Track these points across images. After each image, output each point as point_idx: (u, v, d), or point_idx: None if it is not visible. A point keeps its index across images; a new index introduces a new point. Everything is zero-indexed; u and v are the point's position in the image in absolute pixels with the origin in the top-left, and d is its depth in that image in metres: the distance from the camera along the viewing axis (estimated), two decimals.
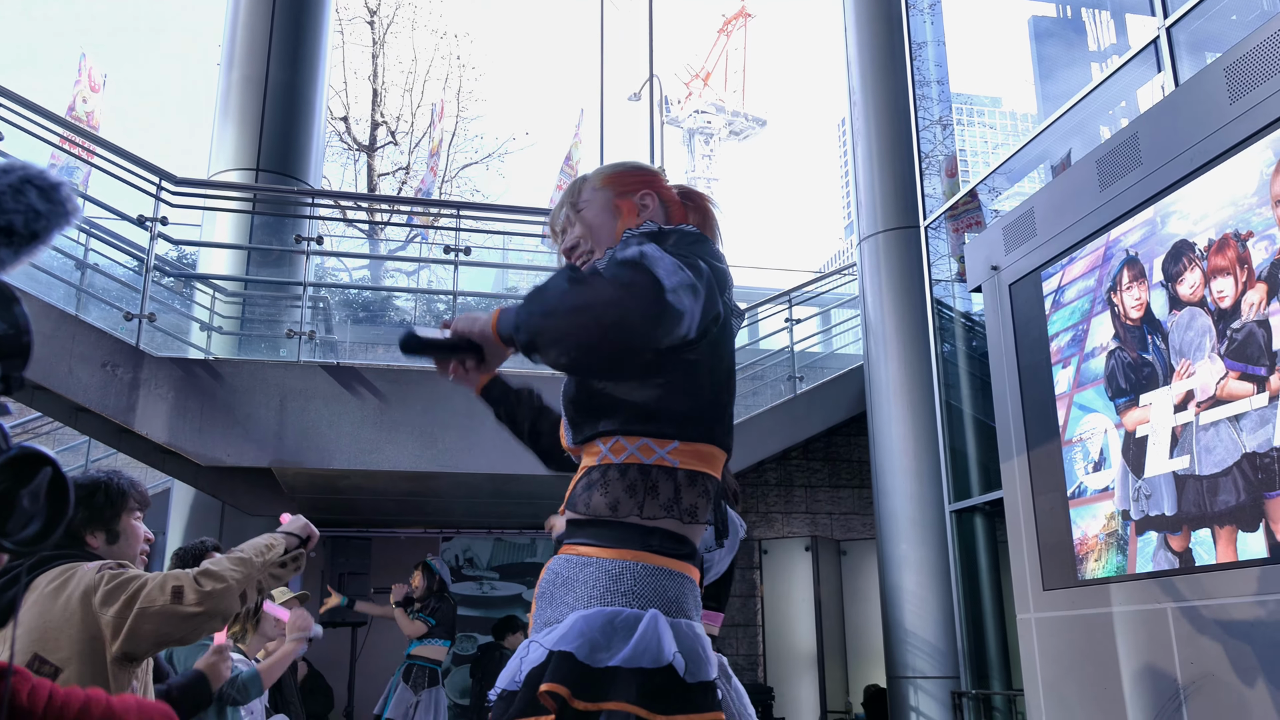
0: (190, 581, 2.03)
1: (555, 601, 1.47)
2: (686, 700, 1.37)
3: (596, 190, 1.70)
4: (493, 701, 1.47)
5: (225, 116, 7.65)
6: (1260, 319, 3.29)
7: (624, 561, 1.44)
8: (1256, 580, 3.20)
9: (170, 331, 6.36)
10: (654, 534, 1.45)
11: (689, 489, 1.47)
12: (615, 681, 1.34)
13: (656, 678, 1.35)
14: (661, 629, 1.38)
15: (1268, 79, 3.31)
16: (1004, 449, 4.65)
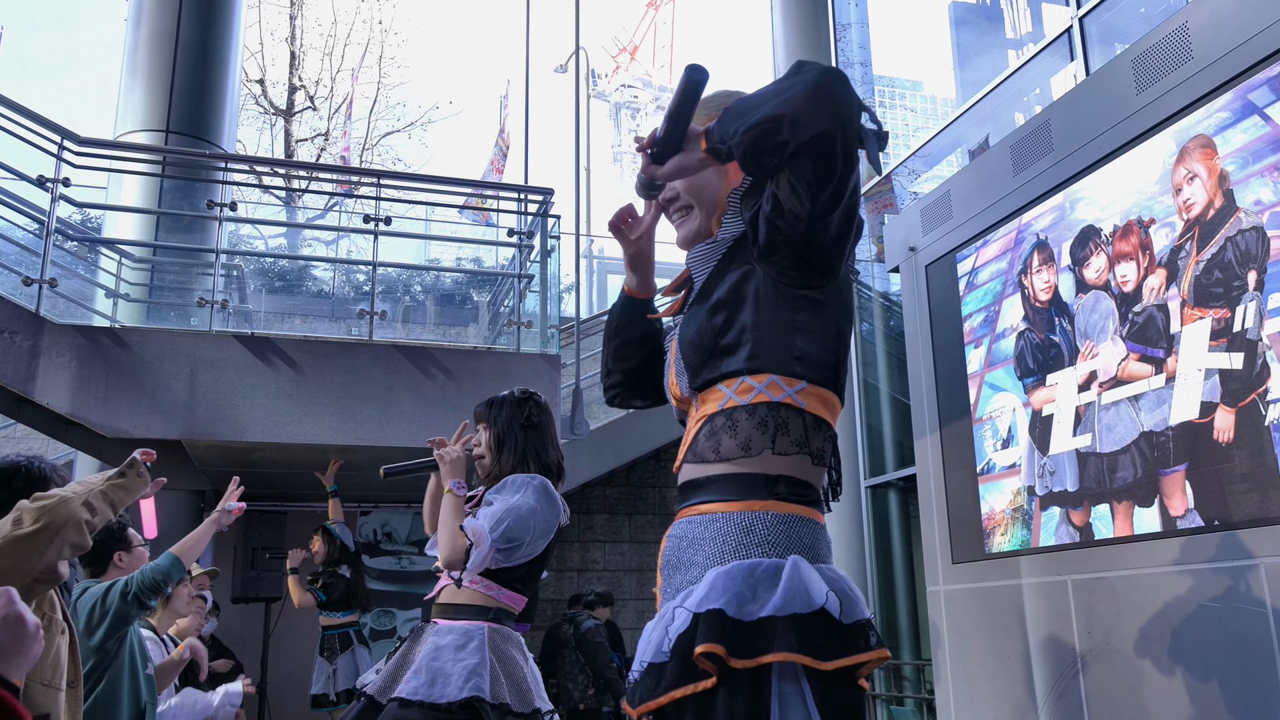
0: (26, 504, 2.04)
1: (684, 565, 1.43)
2: (847, 642, 1.33)
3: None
4: (635, 678, 1.40)
5: (133, 75, 7.35)
6: (1160, 303, 3.42)
7: (753, 512, 1.40)
8: (1150, 553, 3.35)
9: (73, 298, 6.11)
10: (779, 481, 1.42)
11: (815, 433, 1.45)
12: (771, 633, 1.29)
13: (812, 624, 1.30)
14: (806, 573, 1.34)
15: (1171, 71, 3.43)
16: (918, 426, 4.77)
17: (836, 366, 1.48)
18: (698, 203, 1.61)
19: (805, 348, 1.44)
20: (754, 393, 1.43)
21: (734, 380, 1.45)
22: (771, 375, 1.43)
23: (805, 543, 1.40)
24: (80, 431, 5.61)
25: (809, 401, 1.45)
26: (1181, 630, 3.19)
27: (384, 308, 6.58)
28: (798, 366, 1.44)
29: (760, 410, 1.43)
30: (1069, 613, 3.67)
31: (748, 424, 1.43)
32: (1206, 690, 3.08)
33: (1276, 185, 3.02)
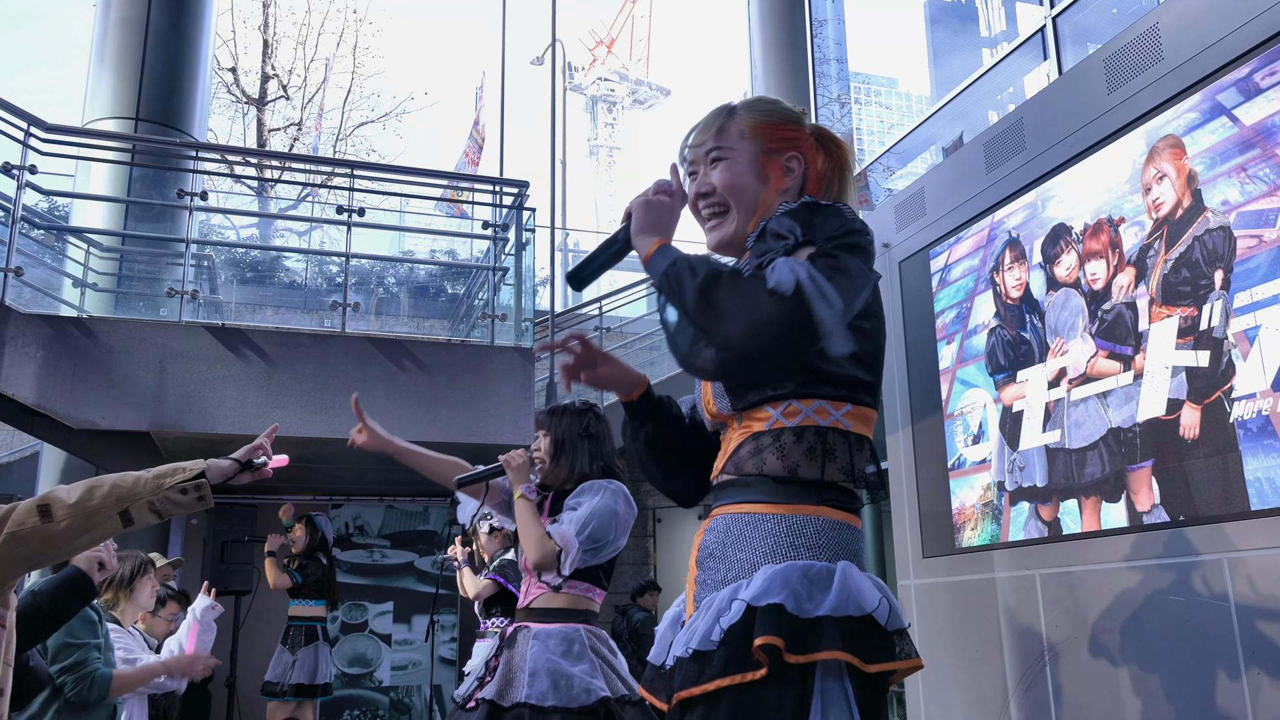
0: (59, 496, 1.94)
1: (728, 560, 1.44)
2: (889, 648, 1.36)
3: (744, 139, 1.61)
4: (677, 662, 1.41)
5: (101, 61, 7.25)
6: (1128, 301, 3.46)
7: (804, 516, 1.42)
8: (1117, 548, 3.39)
9: (40, 287, 6.02)
10: (829, 488, 1.44)
11: (859, 454, 1.48)
12: (822, 631, 1.32)
13: (859, 626, 1.34)
14: (858, 579, 1.37)
15: (1142, 71, 3.47)
16: (890, 422, 4.80)
17: (877, 385, 1.52)
18: (736, 204, 1.59)
19: (850, 371, 1.47)
20: (801, 416, 1.45)
21: (780, 403, 1.46)
22: (819, 400, 1.45)
23: (851, 549, 1.44)
24: (46, 422, 5.53)
25: (853, 423, 1.48)
26: (1146, 624, 3.24)
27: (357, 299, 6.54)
28: (844, 391, 1.46)
29: (808, 435, 1.45)
30: (1037, 606, 3.71)
31: (795, 449, 1.45)
32: (1170, 682, 3.13)
33: (1243, 186, 3.06)
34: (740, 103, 1.68)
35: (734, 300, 1.34)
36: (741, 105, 1.66)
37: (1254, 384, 2.96)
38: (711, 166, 1.61)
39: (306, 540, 6.27)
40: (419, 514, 8.31)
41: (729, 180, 1.58)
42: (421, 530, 8.21)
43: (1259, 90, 3.04)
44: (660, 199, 1.53)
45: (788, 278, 1.34)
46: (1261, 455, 2.92)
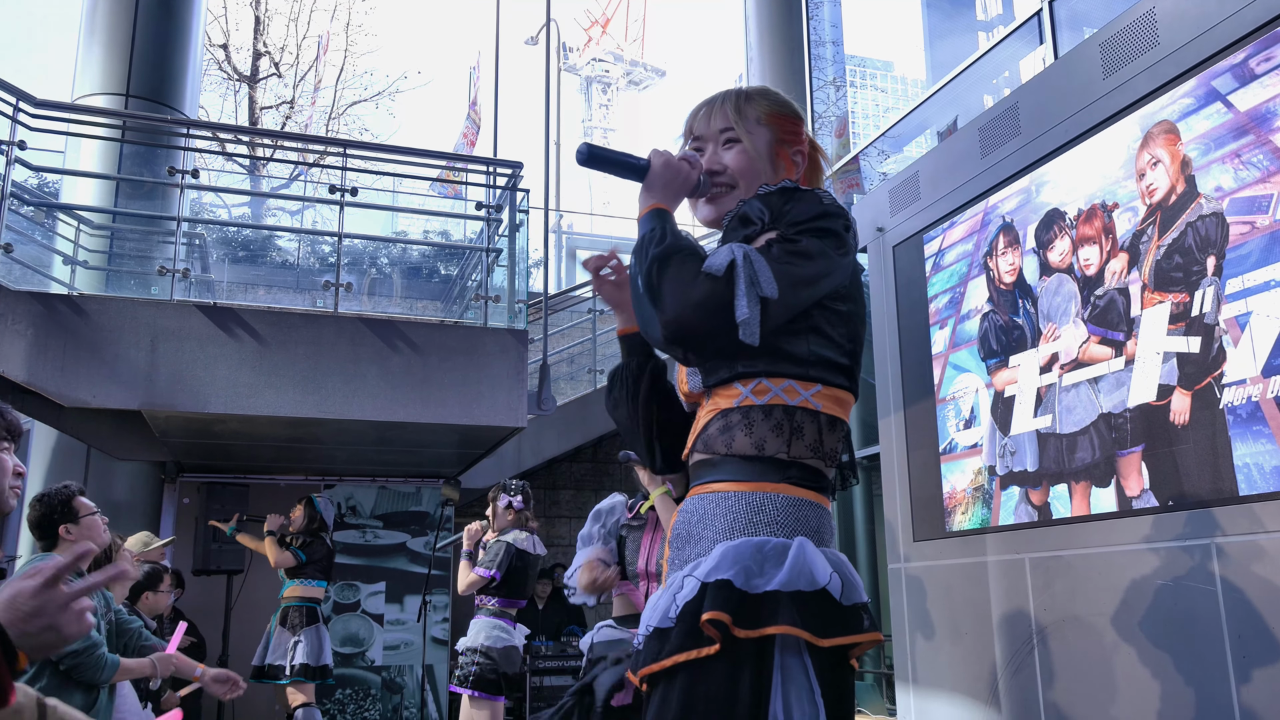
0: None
1: (694, 539, 1.47)
2: (844, 623, 1.38)
3: (760, 125, 1.64)
4: (640, 642, 1.45)
5: (91, 36, 7.18)
6: (1121, 287, 3.47)
7: (764, 493, 1.44)
8: (1106, 532, 3.41)
9: (29, 264, 5.99)
10: (792, 466, 1.45)
11: (830, 434, 1.49)
12: (774, 606, 1.34)
13: (813, 602, 1.36)
14: (812, 554, 1.38)
15: (1138, 57, 3.46)
16: (882, 406, 4.81)
17: (852, 367, 1.52)
18: (745, 187, 1.62)
19: (821, 351, 1.48)
20: (770, 394, 1.46)
21: (750, 380, 1.48)
22: (788, 380, 1.47)
23: (811, 525, 1.44)
24: (37, 400, 5.51)
25: (824, 404, 1.48)
26: (1134, 607, 3.26)
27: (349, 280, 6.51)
28: (814, 370, 1.47)
29: (776, 413, 1.46)
30: (1026, 590, 3.74)
31: (763, 425, 1.46)
32: (1157, 665, 3.16)
33: (1237, 172, 3.06)
34: (752, 89, 1.70)
35: (673, 278, 1.41)
36: (755, 92, 1.69)
37: (1244, 370, 2.97)
38: (725, 147, 1.63)
39: (305, 520, 6.23)
40: (411, 495, 8.32)
41: (744, 164, 1.61)
42: (414, 511, 8.22)
43: (1254, 76, 3.04)
44: (683, 165, 1.57)
45: (722, 259, 1.39)
46: (1250, 441, 2.93)
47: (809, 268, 1.43)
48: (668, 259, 1.43)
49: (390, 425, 5.96)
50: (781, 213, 1.49)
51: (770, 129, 1.64)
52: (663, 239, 1.46)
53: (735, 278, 1.38)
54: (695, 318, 1.39)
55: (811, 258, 1.43)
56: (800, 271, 1.42)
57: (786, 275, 1.41)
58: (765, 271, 1.39)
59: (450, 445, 6.94)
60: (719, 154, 1.63)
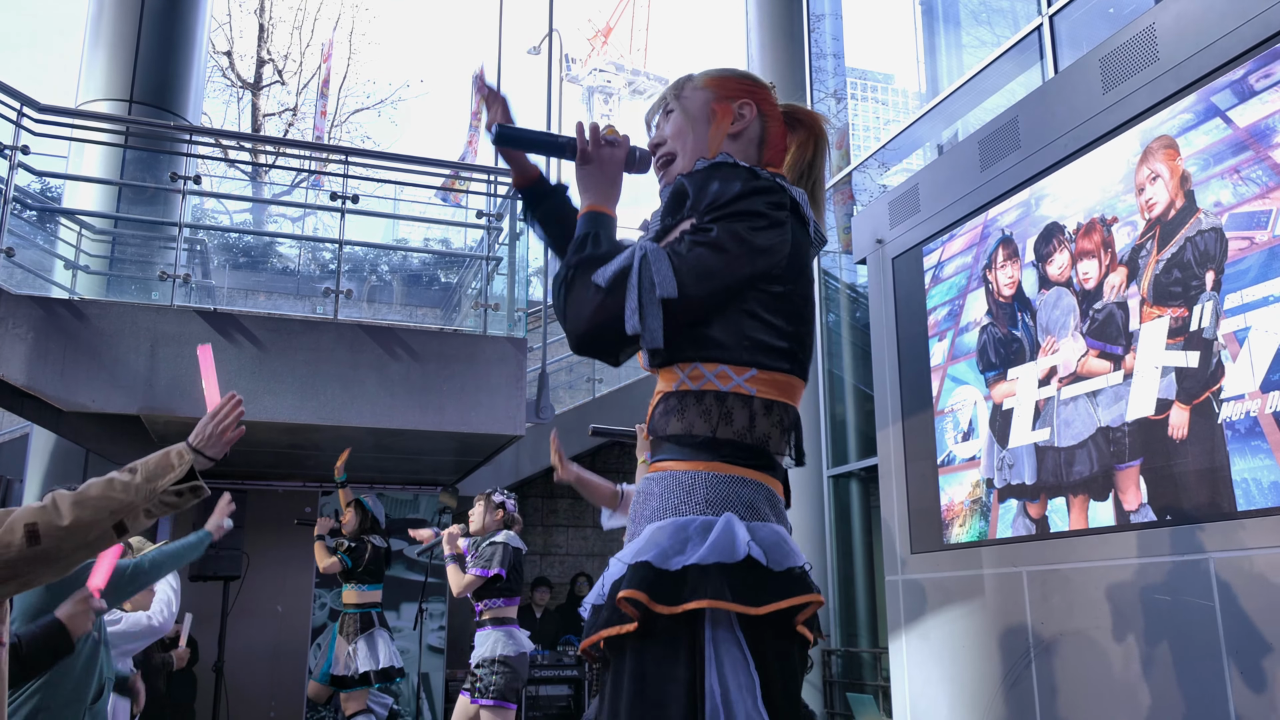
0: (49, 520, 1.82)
1: (639, 519, 1.48)
2: (776, 589, 1.37)
3: (697, 89, 1.64)
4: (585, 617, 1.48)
5: (96, 42, 7.21)
6: (1120, 301, 3.48)
7: (697, 472, 1.44)
8: (1104, 547, 3.41)
9: (31, 268, 5.99)
10: (725, 445, 1.45)
11: (764, 417, 1.47)
12: (698, 581, 1.34)
13: (740, 573, 1.35)
14: (735, 527, 1.38)
15: (1138, 72, 3.48)
16: (880, 417, 4.81)
17: (794, 351, 1.51)
18: (680, 150, 1.62)
19: (757, 335, 1.47)
20: (704, 380, 1.47)
21: (687, 365, 1.48)
22: (721, 365, 1.46)
23: (744, 501, 1.44)
24: (36, 404, 5.52)
25: (759, 388, 1.47)
26: (1131, 622, 3.26)
27: (350, 287, 6.52)
28: (748, 355, 1.47)
29: (707, 398, 1.46)
30: (1023, 603, 3.73)
31: (694, 410, 1.46)
32: (1155, 680, 3.15)
33: (1236, 187, 3.07)
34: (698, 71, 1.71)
35: (575, 293, 1.45)
36: (699, 71, 1.70)
37: (1243, 385, 2.97)
38: (664, 120, 1.65)
39: (357, 523, 6.21)
40: (409, 502, 8.31)
41: (675, 126, 1.63)
42: (412, 518, 8.21)
43: (1253, 92, 3.05)
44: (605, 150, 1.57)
45: (614, 267, 1.42)
46: (1249, 456, 2.94)
47: (716, 259, 1.41)
48: (574, 273, 1.46)
49: (389, 432, 5.96)
50: (702, 194, 1.47)
51: (708, 90, 1.64)
52: (579, 249, 1.48)
53: (628, 287, 1.40)
54: (592, 332, 1.43)
55: (721, 249, 1.42)
56: (708, 264, 1.41)
57: (693, 270, 1.40)
58: (664, 271, 1.40)
59: (449, 453, 6.94)
60: (661, 130, 1.65)
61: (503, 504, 4.95)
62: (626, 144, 1.60)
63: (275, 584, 7.58)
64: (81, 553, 1.87)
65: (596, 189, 1.57)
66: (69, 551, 1.84)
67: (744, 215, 1.44)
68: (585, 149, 1.56)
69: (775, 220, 1.47)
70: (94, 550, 1.89)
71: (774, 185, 1.49)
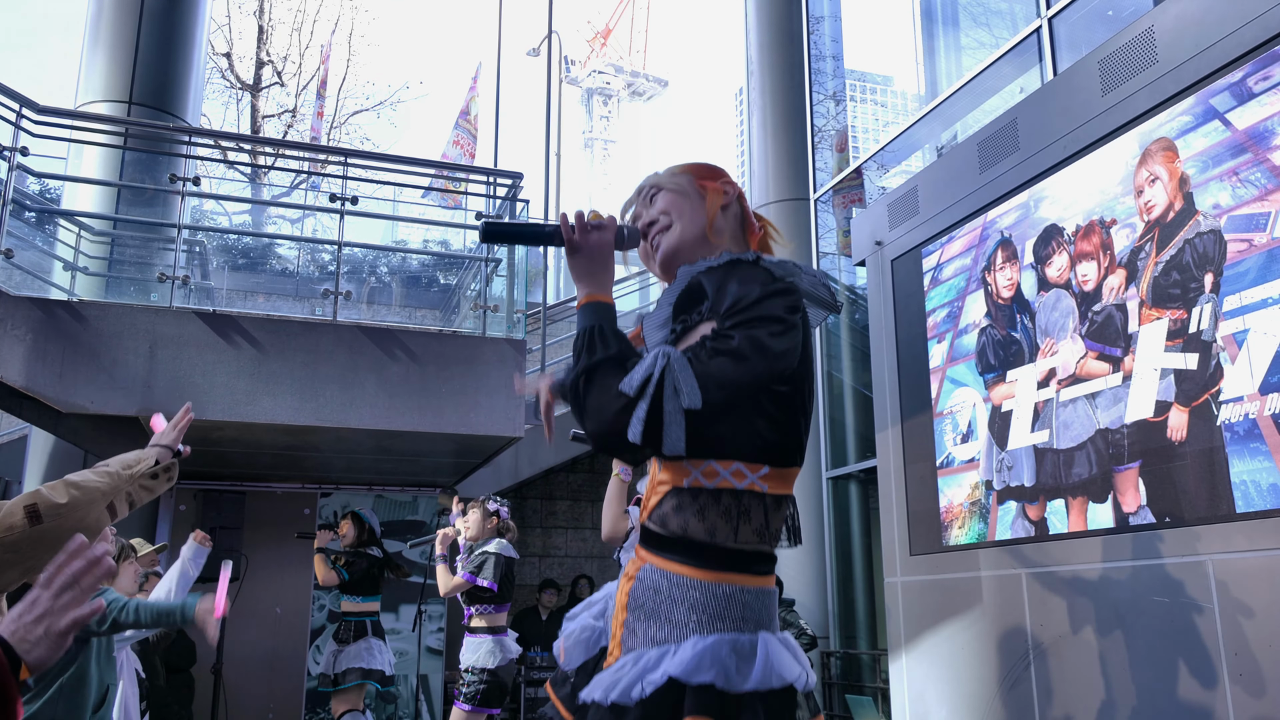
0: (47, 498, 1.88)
1: (659, 617, 1.46)
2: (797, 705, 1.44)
3: (675, 175, 1.69)
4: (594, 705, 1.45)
5: (95, 43, 7.21)
6: (1119, 303, 3.48)
7: (729, 585, 1.46)
8: (1103, 548, 3.41)
9: (30, 270, 5.99)
10: (750, 555, 1.48)
11: (775, 514, 1.50)
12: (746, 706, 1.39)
13: (779, 697, 1.42)
14: (775, 651, 1.43)
15: (1137, 74, 3.48)
16: (879, 419, 4.81)
17: (800, 445, 1.54)
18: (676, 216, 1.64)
19: (770, 435, 1.48)
20: (719, 478, 1.47)
21: (700, 463, 1.48)
22: (736, 463, 1.47)
23: (769, 616, 1.49)
24: (34, 405, 5.51)
25: (770, 484, 1.49)
26: (1130, 624, 3.26)
27: (349, 288, 6.52)
28: (761, 453, 1.48)
29: (725, 498, 1.47)
30: (1022, 605, 3.73)
31: (714, 510, 1.47)
32: (1153, 682, 3.15)
33: (1235, 189, 3.07)
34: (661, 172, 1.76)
35: (595, 395, 1.44)
36: (664, 171, 1.74)
37: (1242, 387, 2.97)
38: (650, 201, 1.67)
39: (355, 535, 6.30)
40: (408, 503, 8.31)
41: (669, 200, 1.64)
42: (410, 520, 8.21)
43: (1252, 95, 3.05)
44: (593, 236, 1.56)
45: (639, 375, 1.41)
46: (1248, 458, 2.94)
47: (737, 369, 1.41)
48: (592, 374, 1.45)
49: (388, 434, 5.96)
50: (722, 295, 1.48)
51: (687, 174, 1.68)
52: (590, 349, 1.47)
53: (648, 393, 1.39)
54: (606, 434, 1.42)
55: (743, 357, 1.41)
56: (728, 374, 1.41)
57: (714, 378, 1.40)
58: (689, 381, 1.39)
59: (447, 454, 6.93)
60: (649, 210, 1.67)
61: (496, 512, 5.00)
62: (614, 225, 1.60)
63: (274, 586, 7.57)
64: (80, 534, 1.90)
65: (590, 277, 1.57)
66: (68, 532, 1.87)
67: (763, 321, 1.44)
68: (572, 238, 1.56)
69: (791, 324, 1.47)
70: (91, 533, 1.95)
71: (790, 287, 1.50)
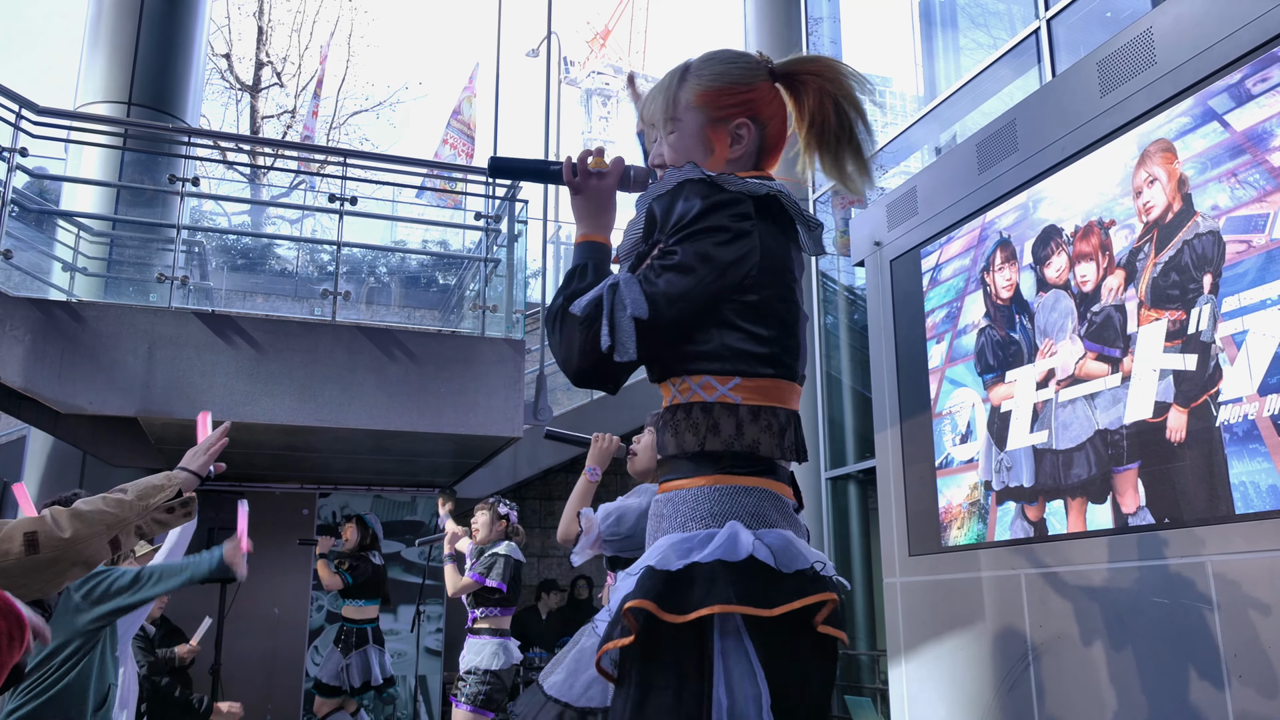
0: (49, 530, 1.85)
1: (651, 540, 1.49)
2: (789, 590, 1.36)
3: (690, 109, 1.59)
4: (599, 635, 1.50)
5: (95, 44, 7.21)
6: (1117, 304, 3.48)
7: (701, 487, 1.45)
8: (1102, 549, 3.41)
9: (29, 270, 5.99)
10: (724, 458, 1.46)
11: (752, 424, 1.47)
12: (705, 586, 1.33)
13: (747, 576, 1.35)
14: (738, 531, 1.38)
15: (1135, 75, 3.48)
16: (878, 419, 4.82)
17: (776, 355, 1.50)
18: None
19: (736, 345, 1.48)
20: (691, 393, 1.49)
21: (678, 379, 1.51)
22: (705, 376, 1.48)
23: (748, 510, 1.44)
24: (33, 406, 5.51)
25: (744, 395, 1.48)
26: (1130, 625, 3.26)
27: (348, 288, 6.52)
28: (730, 364, 1.48)
29: (695, 411, 1.48)
30: (1022, 606, 3.73)
31: (684, 424, 1.48)
32: (1152, 683, 3.15)
33: (1233, 191, 3.08)
34: (694, 62, 1.65)
35: (564, 325, 1.48)
36: (693, 67, 1.63)
37: (1240, 388, 2.97)
38: (666, 136, 1.62)
39: (358, 539, 6.32)
40: (406, 504, 8.31)
41: (674, 155, 1.60)
42: (409, 520, 8.21)
43: (1250, 96, 3.05)
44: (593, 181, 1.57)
45: (589, 297, 1.46)
46: (1246, 459, 2.94)
47: (685, 281, 1.42)
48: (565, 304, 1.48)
49: (386, 434, 5.96)
50: (668, 217, 1.47)
51: (701, 110, 1.59)
52: (568, 283, 1.51)
53: (601, 313, 1.43)
54: (583, 363, 1.45)
55: (688, 270, 1.43)
56: (677, 287, 1.42)
57: (664, 295, 1.42)
58: (635, 294, 1.42)
59: (446, 455, 6.93)
60: (661, 146, 1.63)
61: (506, 516, 5.01)
62: (619, 168, 1.59)
63: (272, 587, 7.57)
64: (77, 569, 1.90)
65: (588, 218, 1.58)
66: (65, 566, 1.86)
67: (706, 232, 1.44)
68: (573, 180, 1.57)
69: (739, 232, 1.46)
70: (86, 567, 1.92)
71: (735, 197, 1.48)
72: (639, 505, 2.92)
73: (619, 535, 2.89)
